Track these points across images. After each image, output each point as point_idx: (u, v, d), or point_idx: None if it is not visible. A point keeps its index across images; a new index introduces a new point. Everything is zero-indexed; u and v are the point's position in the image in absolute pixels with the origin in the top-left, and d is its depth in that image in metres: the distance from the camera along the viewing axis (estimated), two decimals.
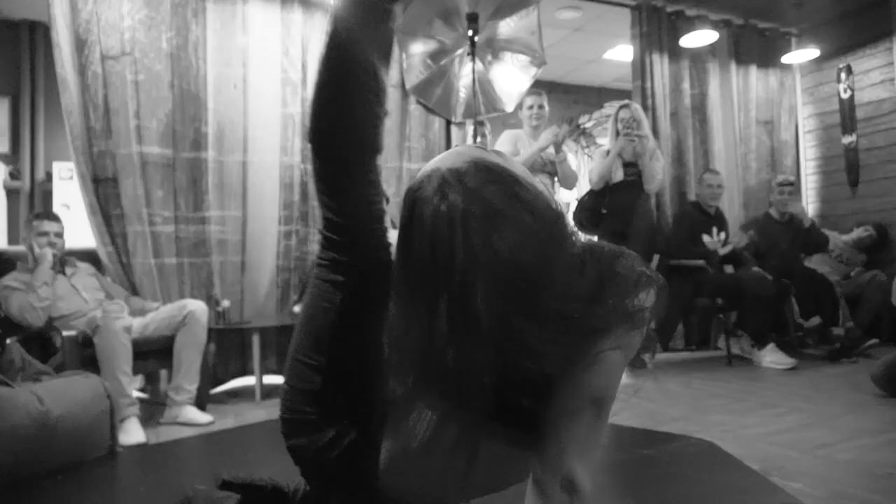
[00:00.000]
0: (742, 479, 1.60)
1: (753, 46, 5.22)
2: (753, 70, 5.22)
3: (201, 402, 2.91)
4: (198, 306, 2.86)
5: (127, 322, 2.59)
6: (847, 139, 5.08)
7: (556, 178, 3.73)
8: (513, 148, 3.66)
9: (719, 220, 4.23)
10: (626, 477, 1.29)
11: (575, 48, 5.85)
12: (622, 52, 5.93)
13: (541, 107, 3.70)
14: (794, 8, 5.00)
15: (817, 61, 5.22)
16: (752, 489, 1.48)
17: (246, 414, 3.00)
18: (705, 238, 4.00)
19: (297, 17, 3.69)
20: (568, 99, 7.16)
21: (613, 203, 3.90)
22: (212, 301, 3.46)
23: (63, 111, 3.16)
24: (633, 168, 3.90)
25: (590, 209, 4.02)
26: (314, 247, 3.78)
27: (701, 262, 3.91)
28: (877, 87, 4.89)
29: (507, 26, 3.92)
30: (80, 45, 3.19)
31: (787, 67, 5.38)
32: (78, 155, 3.18)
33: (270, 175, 3.68)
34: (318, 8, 3.75)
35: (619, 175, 3.90)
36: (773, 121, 5.29)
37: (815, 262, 4.59)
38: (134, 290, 3.29)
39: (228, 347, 3.63)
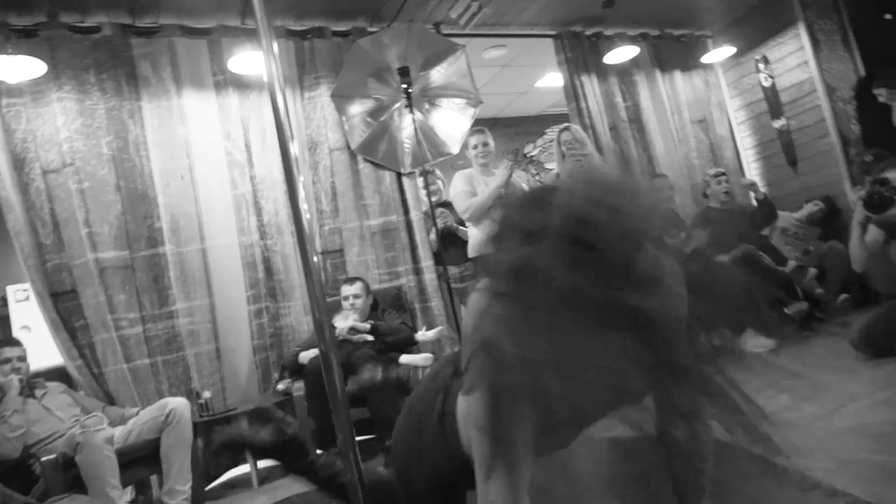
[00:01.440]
0: (749, 465, 1.60)
1: (673, 53, 5.47)
2: (678, 75, 5.46)
3: (198, 502, 2.81)
4: (179, 403, 2.79)
5: (108, 433, 2.51)
6: (778, 123, 5.31)
7: None
8: (469, 188, 3.72)
9: (674, 220, 4.35)
10: (635, 489, 1.29)
11: (507, 83, 6.04)
12: (552, 79, 6.14)
13: (485, 144, 3.79)
14: (704, 12, 5.29)
15: (736, 56, 5.49)
16: (761, 475, 1.49)
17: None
18: None
19: (233, 100, 3.74)
20: (510, 132, 7.35)
21: None
22: (192, 395, 3.38)
23: (10, 232, 3.11)
24: None
25: None
26: (287, 320, 3.74)
27: None
28: (794, 70, 5.15)
29: (438, 74, 4.05)
30: (19, 163, 3.17)
31: (710, 67, 5.64)
32: (32, 273, 3.12)
33: (231, 257, 3.66)
34: (251, 88, 3.80)
35: None
36: (706, 119, 5.51)
37: (774, 242, 4.73)
38: (110, 400, 3.20)
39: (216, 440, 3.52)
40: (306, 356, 3.29)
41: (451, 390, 1.14)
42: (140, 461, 2.76)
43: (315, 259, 1.38)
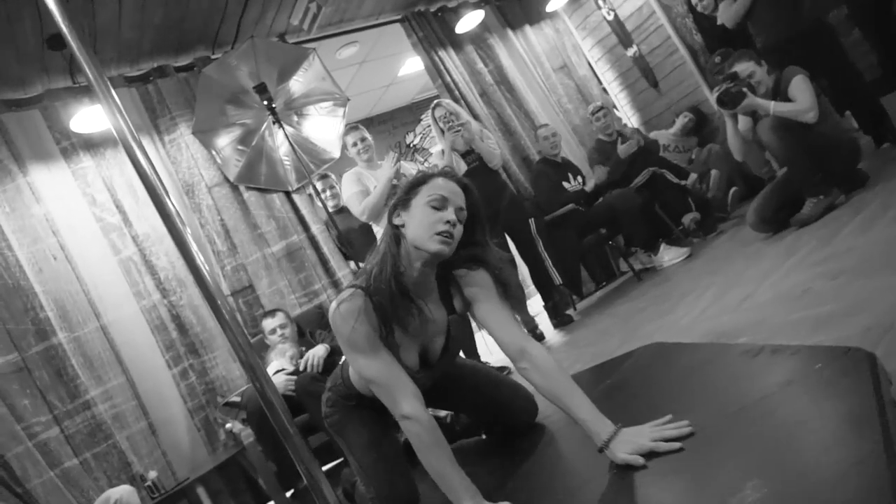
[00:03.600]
0: (696, 354, 1.65)
1: (517, 10, 5.61)
2: (528, 30, 5.60)
3: None
4: (124, 491, 2.55)
5: None
6: (630, 52, 5.56)
7: None
8: (360, 187, 3.63)
9: (569, 166, 4.46)
10: (602, 409, 1.29)
11: (370, 79, 5.99)
12: (413, 64, 6.15)
13: (363, 139, 3.71)
14: None
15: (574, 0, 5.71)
16: (713, 359, 1.53)
17: None
18: (566, 185, 4.21)
19: (87, 162, 3.48)
20: (387, 127, 7.32)
21: None
22: (137, 480, 3.12)
23: None
24: (471, 155, 4.02)
25: None
26: (217, 372, 3.54)
27: (571, 206, 4.09)
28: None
29: (297, 83, 3.94)
30: None
31: (556, 16, 5.83)
32: None
33: (137, 326, 3.41)
34: (104, 146, 3.55)
35: (462, 167, 4.00)
36: (566, 64, 5.69)
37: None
38: None
39: None
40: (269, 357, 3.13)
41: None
42: None
43: (226, 303, 1.28)
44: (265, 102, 3.55)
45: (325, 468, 2.84)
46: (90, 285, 3.34)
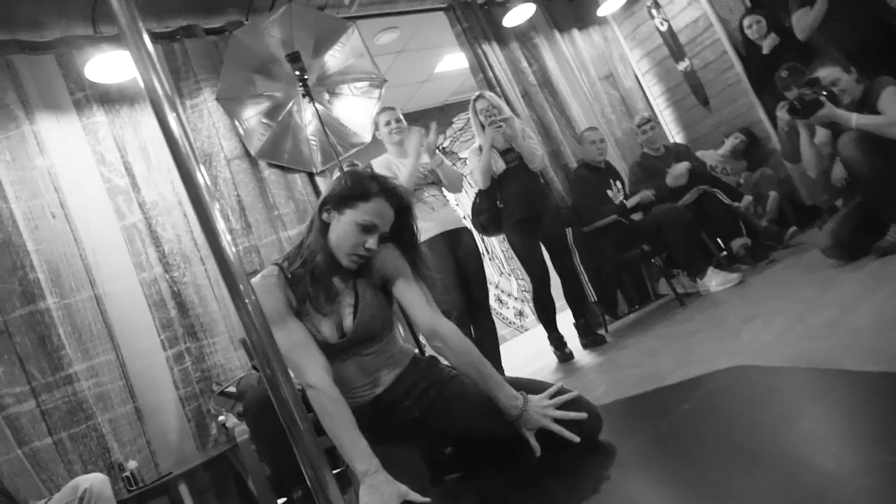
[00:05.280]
0: (796, 380, 1.34)
1: (567, 12, 5.35)
2: (576, 34, 5.34)
3: None
4: (95, 480, 2.23)
5: None
6: (682, 65, 5.27)
7: (442, 187, 3.45)
8: (390, 173, 3.34)
9: (613, 173, 4.16)
10: (676, 438, 0.98)
11: (405, 73, 5.73)
12: (452, 61, 5.90)
13: (398, 120, 3.42)
14: None
15: (626, 7, 5.43)
16: (811, 385, 1.22)
17: None
18: (609, 193, 3.90)
19: (100, 117, 3.21)
20: (416, 126, 7.03)
21: (506, 194, 3.70)
22: (114, 468, 2.81)
23: None
24: (511, 154, 3.73)
25: (486, 210, 3.79)
26: (215, 359, 3.23)
27: (613, 217, 3.77)
28: (686, 10, 5.12)
29: (333, 58, 3.67)
30: None
31: (605, 22, 5.56)
32: None
33: (134, 299, 3.11)
34: (121, 102, 3.29)
35: (500, 165, 3.71)
36: (612, 74, 5.42)
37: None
38: (8, 498, 2.58)
39: None
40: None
41: None
42: None
43: (249, 288, 1.01)
44: (297, 73, 3.28)
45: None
46: (88, 250, 3.06)
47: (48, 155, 3.05)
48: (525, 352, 4.74)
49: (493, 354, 3.21)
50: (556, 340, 3.64)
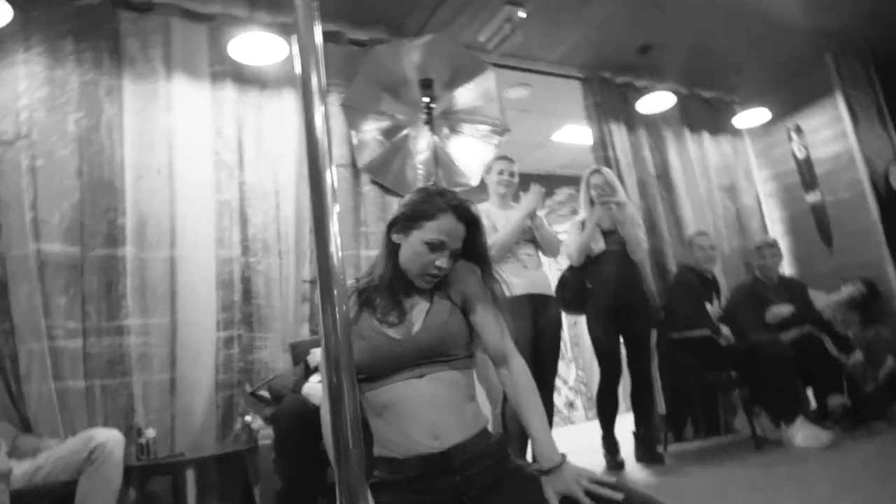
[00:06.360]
0: None
1: (702, 115, 5.19)
2: (706, 137, 5.15)
3: None
4: (110, 437, 2.15)
5: (3, 465, 1.85)
6: (812, 197, 4.97)
7: (538, 249, 3.29)
8: (487, 223, 3.22)
9: (716, 286, 3.86)
10: None
11: (523, 132, 5.67)
12: (570, 133, 5.82)
13: (511, 174, 3.32)
14: (736, 75, 5.04)
15: (765, 126, 5.22)
16: None
17: None
18: (708, 306, 3.60)
19: (230, 94, 3.28)
20: (538, 185, 6.94)
21: (599, 277, 3.49)
22: (133, 432, 2.73)
23: None
24: (613, 236, 3.55)
25: (573, 286, 3.59)
26: (262, 354, 3.14)
27: (707, 331, 3.46)
28: (830, 142, 4.86)
29: (464, 96, 3.64)
30: None
31: (738, 134, 5.36)
32: None
33: (205, 272, 3.09)
34: (252, 84, 3.36)
35: (600, 245, 3.52)
36: (733, 186, 5.17)
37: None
38: (26, 427, 2.54)
39: (155, 491, 2.85)
40: (315, 357, 2.68)
41: None
42: None
43: (344, 294, 0.90)
44: (425, 99, 3.27)
45: None
46: (179, 213, 3.08)
47: (172, 114, 3.13)
48: (570, 446, 4.39)
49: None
50: (610, 444, 3.33)
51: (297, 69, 0.85)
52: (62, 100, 2.86)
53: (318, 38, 0.86)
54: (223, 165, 3.21)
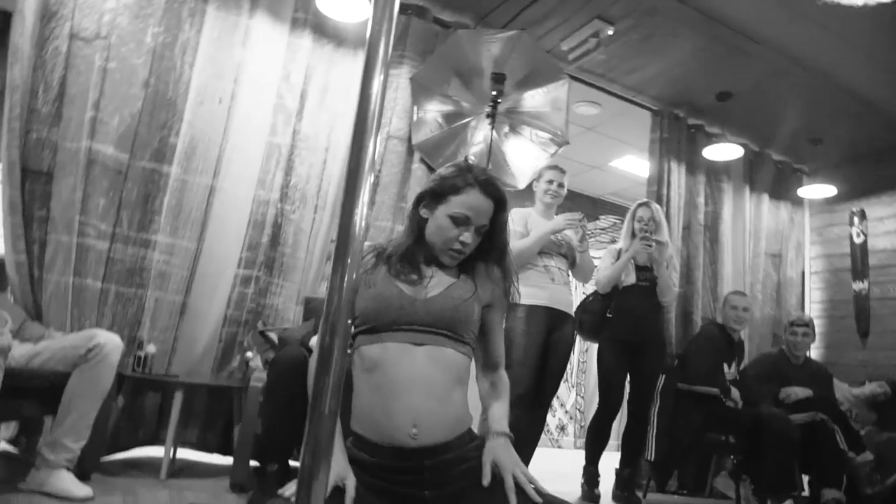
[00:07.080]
0: None
1: (767, 176, 5.04)
2: (766, 199, 5.01)
3: (84, 470, 2.18)
4: (110, 339, 2.19)
5: (4, 340, 1.90)
6: (858, 285, 4.80)
7: (570, 266, 3.23)
8: (522, 229, 3.18)
9: (740, 351, 3.74)
10: None
11: (582, 150, 5.61)
12: (629, 163, 5.74)
13: (560, 185, 3.28)
14: (811, 145, 4.89)
15: (828, 202, 5.06)
16: None
17: (141, 494, 2.26)
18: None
19: (306, 42, 3.31)
20: (564, 205, 6.88)
21: (620, 308, 3.44)
22: (134, 343, 2.79)
23: (7, 85, 2.62)
24: (646, 273, 3.48)
25: (594, 311, 3.53)
26: (275, 300, 3.17)
27: (716, 391, 3.37)
28: (892, 234, 4.68)
29: (532, 99, 3.60)
30: (49, 16, 2.71)
31: (798, 203, 5.20)
32: (12, 138, 2.60)
33: (240, 208, 3.13)
34: (329, 38, 3.38)
35: (630, 278, 3.46)
36: (780, 254, 5.02)
37: None
38: (38, 314, 2.62)
39: (142, 405, 2.91)
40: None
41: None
42: (36, 394, 2.14)
43: (358, 256, 0.89)
44: (494, 93, 3.24)
45: None
46: (230, 146, 3.12)
47: (246, 50, 3.17)
48: (551, 468, 4.35)
49: (531, 442, 2.95)
50: (591, 475, 3.29)
51: (368, 32, 0.84)
52: (147, 10, 2.92)
53: (396, 5, 0.85)
54: (282, 109, 3.24)
